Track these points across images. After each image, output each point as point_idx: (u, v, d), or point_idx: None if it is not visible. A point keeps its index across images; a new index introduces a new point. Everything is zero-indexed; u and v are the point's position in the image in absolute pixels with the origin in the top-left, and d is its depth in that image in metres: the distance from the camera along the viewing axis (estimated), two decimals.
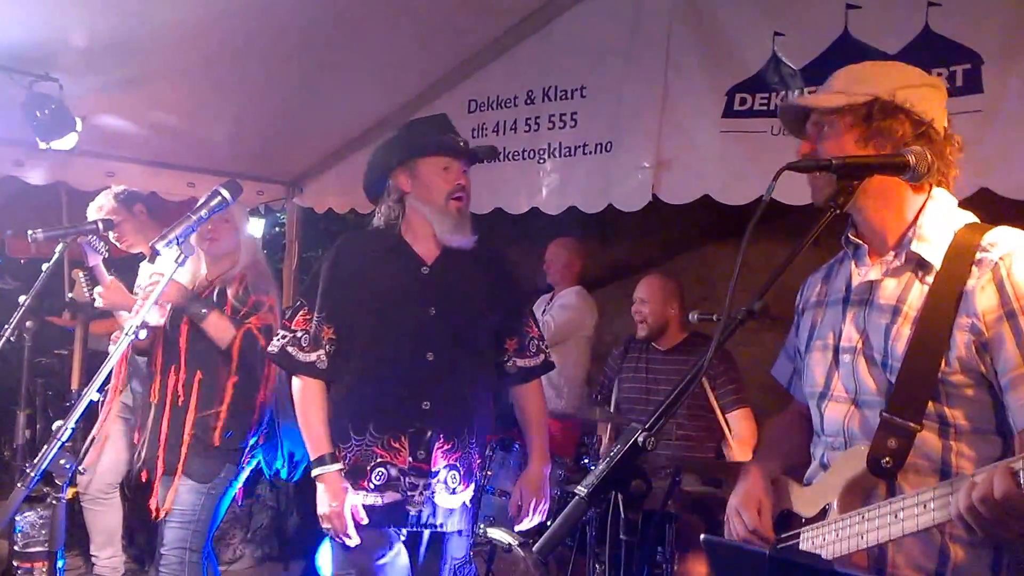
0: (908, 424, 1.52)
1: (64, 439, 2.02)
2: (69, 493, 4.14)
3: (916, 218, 1.64)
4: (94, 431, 3.65)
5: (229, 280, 3.13)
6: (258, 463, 3.20)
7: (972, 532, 1.32)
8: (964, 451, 1.54)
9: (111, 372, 2.26)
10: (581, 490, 1.37)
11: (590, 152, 4.10)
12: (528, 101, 4.34)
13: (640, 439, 1.36)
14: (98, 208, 3.81)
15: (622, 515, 1.40)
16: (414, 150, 2.59)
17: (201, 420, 2.99)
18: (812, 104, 1.72)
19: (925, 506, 1.39)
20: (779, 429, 2.03)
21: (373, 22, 3.93)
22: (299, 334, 2.53)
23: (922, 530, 1.41)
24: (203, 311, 2.99)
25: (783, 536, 1.73)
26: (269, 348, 2.61)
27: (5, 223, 5.13)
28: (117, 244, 3.87)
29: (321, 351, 2.52)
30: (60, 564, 2.08)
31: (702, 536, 1.56)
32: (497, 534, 3.37)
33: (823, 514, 1.64)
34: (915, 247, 1.60)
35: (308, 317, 2.54)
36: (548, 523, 3.32)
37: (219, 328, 3.00)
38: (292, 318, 2.56)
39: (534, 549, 1.24)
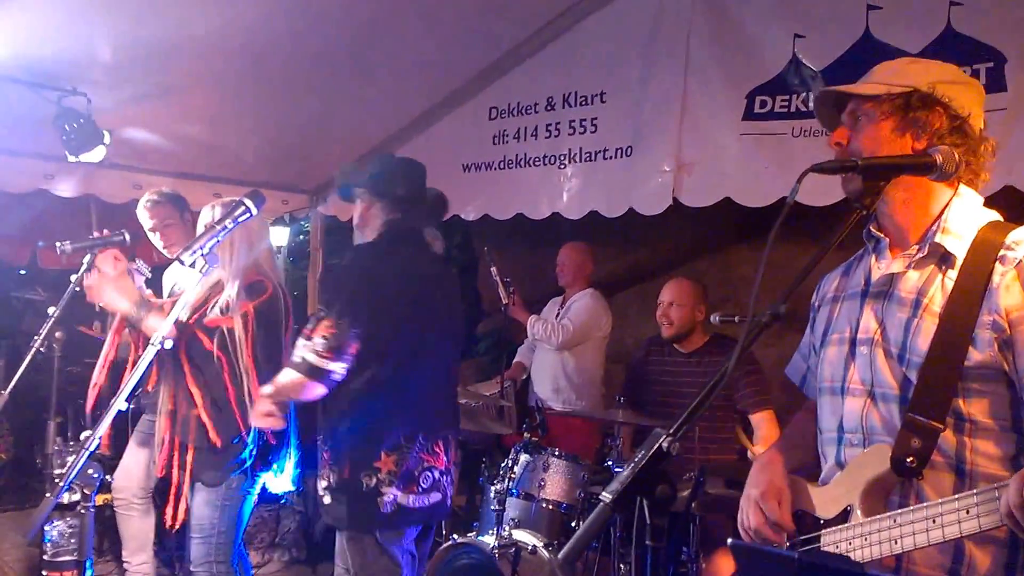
0: (932, 424, 1.51)
1: (92, 449, 2.02)
2: (99, 500, 4.22)
3: (941, 213, 1.62)
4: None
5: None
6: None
7: (1022, 530, 1.29)
8: (980, 448, 1.52)
9: (139, 382, 2.26)
10: (606, 496, 1.35)
11: (611, 157, 4.12)
12: (548, 107, 4.37)
13: (664, 444, 1.35)
14: (148, 204, 3.80)
15: (648, 521, 1.38)
16: None
17: (196, 428, 2.99)
18: (852, 91, 1.70)
19: (968, 511, 1.36)
20: (796, 427, 2.01)
21: (394, 32, 3.97)
22: None
23: (964, 536, 1.38)
24: (140, 314, 2.96)
25: (802, 538, 1.70)
26: None
27: (36, 235, 5.21)
28: (164, 252, 3.87)
29: None
30: (89, 574, 2.10)
31: (729, 540, 1.54)
32: (522, 536, 3.39)
33: (844, 516, 1.61)
34: (939, 239, 1.59)
35: None
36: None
37: (155, 329, 2.92)
38: None
39: (559, 556, 1.23)
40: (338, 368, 2.49)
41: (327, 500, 2.65)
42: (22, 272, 6.92)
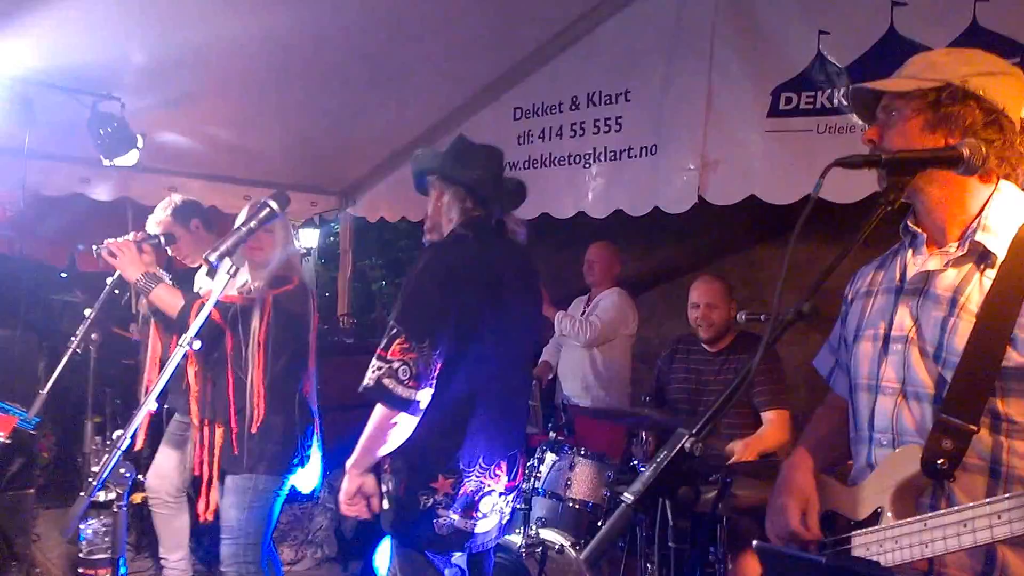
0: (966, 425, 1.47)
1: (123, 448, 2.05)
2: (137, 498, 4.30)
3: (982, 210, 1.57)
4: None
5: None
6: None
7: None
8: (1017, 448, 1.48)
9: (168, 382, 2.27)
10: (628, 497, 1.33)
11: (635, 155, 4.13)
12: (573, 107, 4.38)
13: (687, 445, 1.33)
14: (156, 223, 3.88)
15: (671, 523, 1.36)
16: None
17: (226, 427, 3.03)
18: (882, 87, 1.66)
19: (999, 516, 1.33)
20: (822, 425, 1.96)
21: (419, 35, 4.01)
22: None
23: (996, 542, 1.36)
24: (150, 285, 3.00)
25: (831, 540, 1.68)
26: None
27: (75, 238, 5.32)
28: (177, 258, 3.96)
29: None
30: (122, 571, 2.12)
31: (755, 543, 1.53)
32: (549, 535, 3.39)
33: (874, 517, 1.59)
34: (979, 237, 1.54)
35: None
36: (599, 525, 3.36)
37: (166, 301, 3.01)
38: None
39: (581, 557, 1.22)
40: (424, 396, 2.25)
41: (385, 505, 2.44)
42: (63, 275, 7.05)
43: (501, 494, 2.50)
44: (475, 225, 2.45)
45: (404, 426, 2.28)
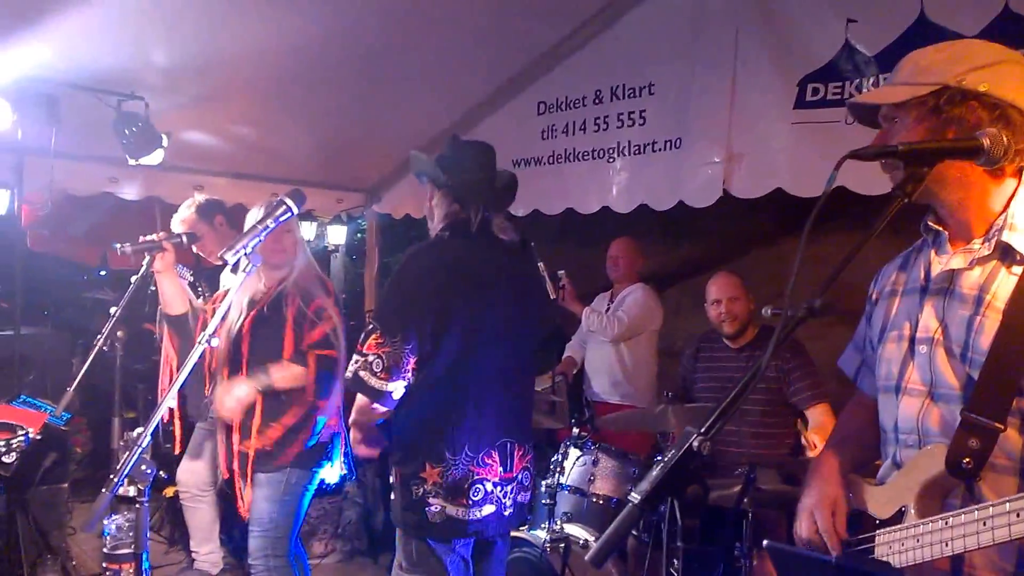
0: (991, 423, 1.44)
1: (144, 445, 2.07)
2: (171, 492, 4.36)
3: (1007, 206, 1.53)
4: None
5: (286, 291, 3.12)
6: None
7: None
8: None
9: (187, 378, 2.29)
10: (634, 497, 1.33)
11: (660, 149, 4.08)
12: (596, 101, 4.34)
13: (695, 444, 1.32)
14: (181, 221, 3.93)
15: (679, 522, 1.36)
16: None
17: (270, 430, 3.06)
18: (875, 100, 1.63)
19: (1018, 515, 1.31)
20: (850, 423, 1.94)
21: (441, 31, 4.00)
22: None
23: (1014, 540, 1.33)
24: (268, 383, 3.03)
25: (855, 539, 1.67)
26: None
27: (107, 236, 5.40)
28: (203, 256, 4.00)
29: None
30: (145, 566, 2.15)
31: (765, 543, 1.53)
32: (573, 530, 3.41)
33: (899, 516, 1.57)
34: (1006, 237, 1.50)
35: None
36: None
37: (292, 379, 3.06)
38: None
39: (586, 558, 1.22)
40: (397, 388, 2.42)
41: (392, 495, 2.61)
42: (102, 273, 7.17)
43: (495, 484, 2.56)
44: (458, 226, 2.57)
45: (380, 413, 2.49)
